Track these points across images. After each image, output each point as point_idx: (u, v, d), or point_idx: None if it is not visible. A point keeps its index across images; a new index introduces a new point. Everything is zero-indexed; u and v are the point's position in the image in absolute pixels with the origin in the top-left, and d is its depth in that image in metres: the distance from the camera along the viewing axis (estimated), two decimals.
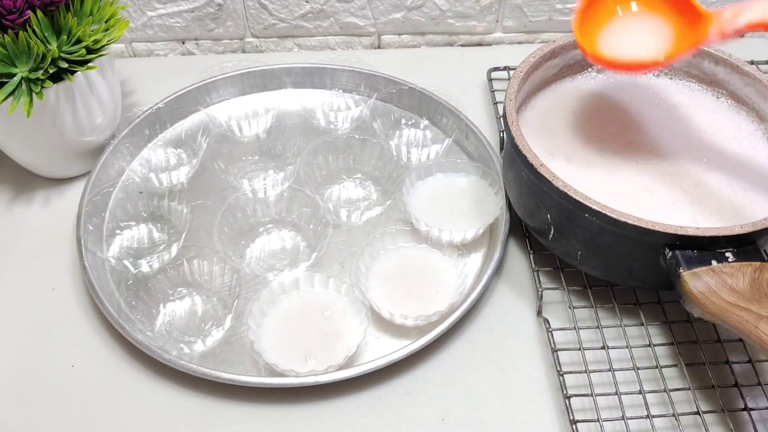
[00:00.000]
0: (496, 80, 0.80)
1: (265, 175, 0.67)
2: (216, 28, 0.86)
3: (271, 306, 0.57)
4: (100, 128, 0.68)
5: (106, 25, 0.64)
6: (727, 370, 0.53)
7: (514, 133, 0.55)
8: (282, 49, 0.89)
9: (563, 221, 0.54)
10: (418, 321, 0.56)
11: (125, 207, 0.65)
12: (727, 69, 0.62)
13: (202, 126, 0.72)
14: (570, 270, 0.59)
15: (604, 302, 0.58)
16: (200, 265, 0.60)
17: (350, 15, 0.85)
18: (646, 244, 0.50)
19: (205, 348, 0.56)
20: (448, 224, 0.61)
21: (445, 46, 0.89)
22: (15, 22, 0.58)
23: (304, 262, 0.61)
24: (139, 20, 0.84)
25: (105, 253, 0.62)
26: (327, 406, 0.53)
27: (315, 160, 0.68)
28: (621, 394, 0.51)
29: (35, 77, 0.59)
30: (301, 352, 0.54)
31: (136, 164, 0.70)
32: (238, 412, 0.53)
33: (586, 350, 0.54)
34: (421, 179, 0.66)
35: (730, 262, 0.48)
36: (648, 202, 0.57)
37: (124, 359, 0.56)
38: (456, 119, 0.71)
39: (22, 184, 0.70)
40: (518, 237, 0.64)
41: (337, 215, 0.64)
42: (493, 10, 0.85)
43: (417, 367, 0.55)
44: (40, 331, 0.58)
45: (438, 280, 0.59)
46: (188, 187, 0.69)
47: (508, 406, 0.53)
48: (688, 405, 0.52)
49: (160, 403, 0.53)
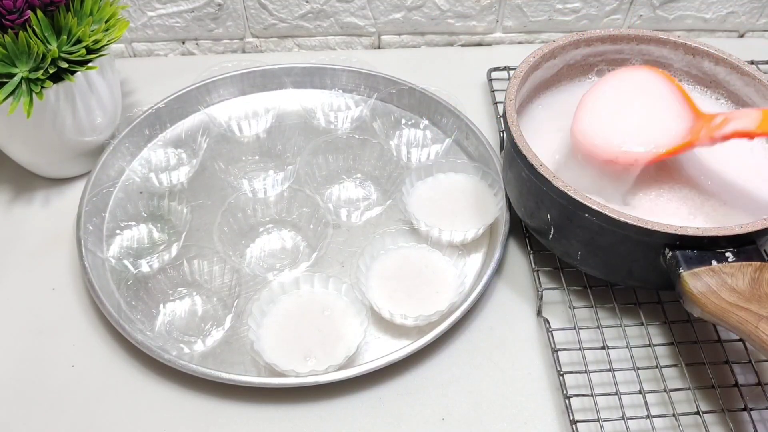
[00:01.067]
0: (496, 80, 0.80)
1: (265, 175, 0.67)
2: (216, 28, 0.86)
3: (271, 306, 0.57)
4: (100, 128, 0.68)
5: (106, 25, 0.64)
6: (727, 370, 0.53)
7: (514, 133, 0.55)
8: (282, 49, 0.89)
9: (563, 221, 0.54)
10: (418, 321, 0.56)
11: (125, 207, 0.65)
12: (727, 69, 0.62)
13: (202, 126, 0.72)
14: (570, 270, 0.59)
15: (604, 302, 0.58)
16: (200, 265, 0.60)
17: (350, 15, 0.85)
18: (646, 244, 0.50)
19: (205, 348, 0.56)
20: (448, 224, 0.61)
21: (445, 46, 0.89)
22: (15, 22, 0.58)
23: (304, 262, 0.61)
24: (139, 20, 0.84)
25: (105, 253, 0.62)
26: (327, 406, 0.53)
27: (315, 159, 0.68)
28: (621, 394, 0.51)
29: (35, 77, 0.59)
30: (301, 352, 0.54)
31: (136, 164, 0.70)
32: (238, 412, 0.53)
33: (586, 350, 0.54)
34: (421, 179, 0.66)
35: (730, 262, 0.48)
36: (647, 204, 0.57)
37: (124, 359, 0.56)
38: (456, 119, 0.71)
39: (22, 184, 0.70)
40: (518, 237, 0.64)
41: (337, 215, 0.65)
42: (493, 10, 0.85)
43: (417, 367, 0.55)
44: (40, 331, 0.58)
45: (438, 280, 0.59)
46: (188, 187, 0.69)
47: (508, 406, 0.53)
48: (688, 405, 0.52)
49: (160, 403, 0.53)
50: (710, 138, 0.53)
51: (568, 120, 0.59)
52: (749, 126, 0.51)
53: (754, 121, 0.51)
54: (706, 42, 0.63)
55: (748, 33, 0.90)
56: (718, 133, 0.52)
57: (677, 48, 0.64)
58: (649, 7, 0.85)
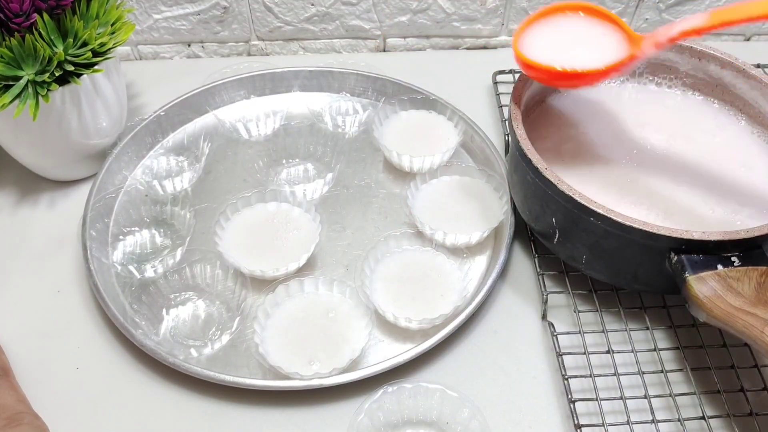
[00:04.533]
0: (501, 83, 0.80)
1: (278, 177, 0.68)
2: (221, 31, 0.86)
3: (275, 309, 0.57)
4: (106, 131, 0.68)
5: (112, 28, 0.65)
6: (732, 375, 0.53)
7: (519, 136, 0.55)
8: (287, 52, 0.89)
9: (568, 225, 0.54)
10: (423, 324, 0.55)
11: (129, 212, 0.65)
12: (733, 72, 0.62)
13: (204, 131, 0.72)
14: (575, 274, 0.59)
15: (609, 306, 0.57)
16: (203, 269, 0.60)
17: (356, 18, 0.85)
18: (651, 248, 0.50)
19: (212, 351, 0.56)
20: (452, 227, 0.61)
21: (451, 49, 0.89)
22: (21, 25, 0.58)
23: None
24: (145, 23, 0.84)
25: (110, 259, 0.62)
26: (331, 409, 0.53)
27: None
28: (626, 399, 0.51)
29: (41, 80, 0.59)
30: (305, 355, 0.54)
31: (138, 171, 0.71)
32: (242, 414, 0.53)
33: (591, 354, 0.54)
34: (425, 182, 0.66)
35: (736, 266, 0.48)
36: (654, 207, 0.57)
37: (128, 362, 0.56)
38: (461, 122, 0.71)
39: (27, 186, 0.70)
40: (523, 240, 0.64)
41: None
42: (499, 13, 0.85)
43: (421, 370, 0.55)
44: (44, 333, 0.58)
45: (442, 284, 0.59)
46: (192, 191, 0.69)
47: (512, 410, 0.53)
48: (693, 410, 0.51)
49: (164, 406, 0.53)
50: (655, 44, 0.53)
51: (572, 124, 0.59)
52: (698, 24, 0.50)
53: (702, 19, 0.50)
54: (712, 45, 0.63)
55: (755, 36, 0.90)
56: (663, 37, 0.52)
57: (683, 51, 0.63)
58: (654, 10, 0.85)
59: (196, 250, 0.62)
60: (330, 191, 0.69)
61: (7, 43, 0.58)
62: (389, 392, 0.50)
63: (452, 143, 0.69)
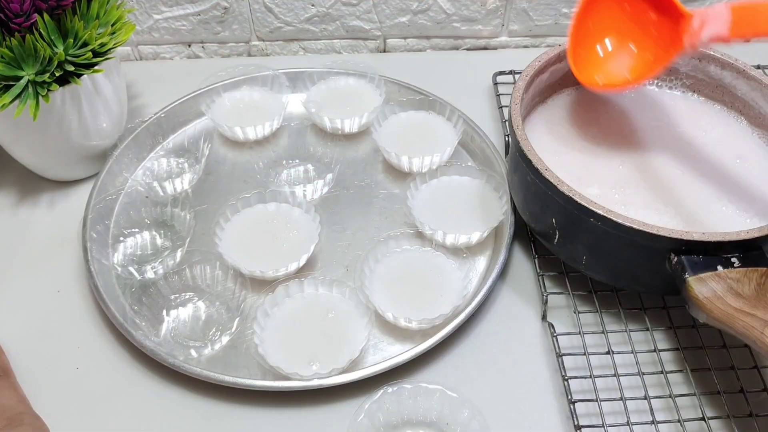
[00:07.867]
0: (501, 84, 0.80)
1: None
2: (222, 32, 0.86)
3: (275, 309, 0.57)
4: (106, 131, 0.68)
5: (113, 29, 0.65)
6: (732, 376, 0.53)
7: (519, 137, 0.55)
8: (288, 52, 0.89)
9: (568, 226, 0.54)
10: (422, 324, 0.55)
11: (129, 214, 0.65)
12: (733, 73, 0.62)
13: (204, 132, 0.72)
14: (575, 274, 0.59)
15: (609, 307, 0.57)
16: (203, 270, 0.60)
17: (356, 18, 0.85)
18: (651, 249, 0.50)
19: (211, 352, 0.56)
20: (452, 228, 0.61)
21: (451, 50, 0.89)
22: (22, 25, 0.58)
23: None
24: (145, 23, 0.84)
25: (110, 260, 0.62)
26: (331, 410, 0.53)
27: None
28: (626, 400, 0.51)
29: (42, 80, 0.59)
30: (305, 355, 0.54)
31: (139, 173, 0.71)
32: (242, 415, 0.53)
33: (591, 355, 0.54)
34: (425, 182, 0.66)
35: (736, 267, 0.48)
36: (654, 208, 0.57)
37: (128, 362, 0.56)
38: (460, 123, 0.71)
39: (27, 186, 0.70)
40: (523, 241, 0.64)
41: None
42: (499, 14, 0.85)
43: (421, 370, 0.55)
44: (44, 333, 0.58)
45: (442, 284, 0.59)
46: (193, 192, 0.69)
47: (512, 411, 0.53)
48: (693, 411, 0.51)
49: (164, 406, 0.53)
50: (692, 45, 0.53)
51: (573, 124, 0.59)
52: (722, 31, 0.51)
53: (726, 24, 0.50)
54: (712, 46, 0.63)
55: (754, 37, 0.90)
56: (697, 41, 0.52)
57: None
58: None
59: (196, 251, 0.62)
60: (330, 192, 0.69)
61: (7, 43, 0.58)
62: (389, 393, 0.50)
63: (452, 144, 0.69)
